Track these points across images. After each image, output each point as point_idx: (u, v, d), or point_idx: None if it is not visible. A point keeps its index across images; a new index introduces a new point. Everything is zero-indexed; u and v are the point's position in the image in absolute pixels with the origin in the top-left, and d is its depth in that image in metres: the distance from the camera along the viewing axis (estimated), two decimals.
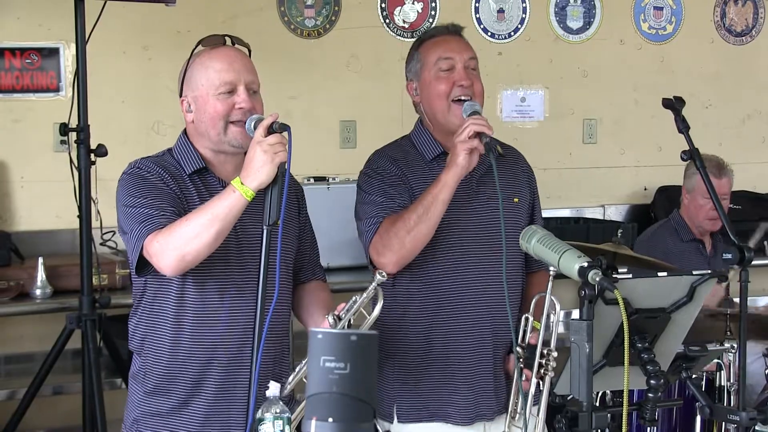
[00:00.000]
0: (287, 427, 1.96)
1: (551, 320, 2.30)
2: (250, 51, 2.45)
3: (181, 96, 2.42)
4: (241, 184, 2.18)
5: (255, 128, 2.25)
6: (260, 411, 1.97)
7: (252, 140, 2.22)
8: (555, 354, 2.25)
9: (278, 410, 1.95)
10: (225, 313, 2.35)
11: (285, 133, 2.19)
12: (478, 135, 2.47)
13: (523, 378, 2.39)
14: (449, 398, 2.62)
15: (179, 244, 2.20)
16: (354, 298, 2.22)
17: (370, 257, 2.59)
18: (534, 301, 2.38)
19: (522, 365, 2.36)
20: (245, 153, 2.25)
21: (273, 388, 1.98)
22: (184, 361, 2.37)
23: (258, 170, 2.16)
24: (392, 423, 2.65)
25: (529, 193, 2.76)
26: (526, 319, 2.42)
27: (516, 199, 2.70)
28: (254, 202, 2.21)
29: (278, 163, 2.16)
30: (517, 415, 2.41)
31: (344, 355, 1.22)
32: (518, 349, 2.39)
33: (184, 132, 2.45)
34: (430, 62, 2.64)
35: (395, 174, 2.65)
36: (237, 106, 2.32)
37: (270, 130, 2.21)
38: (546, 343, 2.28)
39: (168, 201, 2.32)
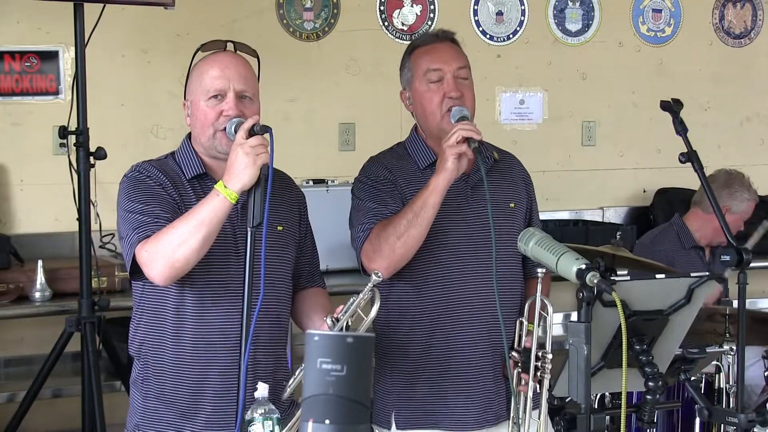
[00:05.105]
0: (277, 428, 1.96)
1: (545, 322, 2.29)
2: (258, 57, 2.46)
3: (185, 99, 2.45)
4: (225, 187, 2.19)
5: (236, 131, 2.25)
6: (249, 412, 1.97)
7: (233, 143, 2.22)
8: (550, 356, 2.25)
9: (267, 410, 1.96)
10: (224, 318, 2.35)
11: (266, 135, 2.19)
12: (467, 140, 2.48)
13: (522, 382, 2.39)
14: (448, 405, 2.62)
15: (167, 252, 2.21)
16: (351, 300, 2.22)
17: (362, 264, 2.59)
18: (527, 304, 2.38)
19: (519, 369, 2.36)
20: None
21: (261, 389, 1.98)
22: (185, 366, 2.37)
23: (240, 173, 2.16)
24: (390, 430, 2.65)
25: (526, 199, 2.76)
26: (521, 323, 2.42)
27: (512, 204, 2.70)
28: None
29: (260, 165, 2.15)
30: (519, 420, 2.41)
31: (341, 357, 1.22)
32: (514, 353, 2.39)
33: (188, 136, 2.47)
34: (419, 73, 2.64)
35: (388, 181, 2.65)
36: (224, 113, 2.33)
37: (251, 133, 2.21)
38: (541, 346, 2.28)
39: (164, 207, 2.33)
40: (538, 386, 2.29)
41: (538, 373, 2.28)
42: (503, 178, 2.73)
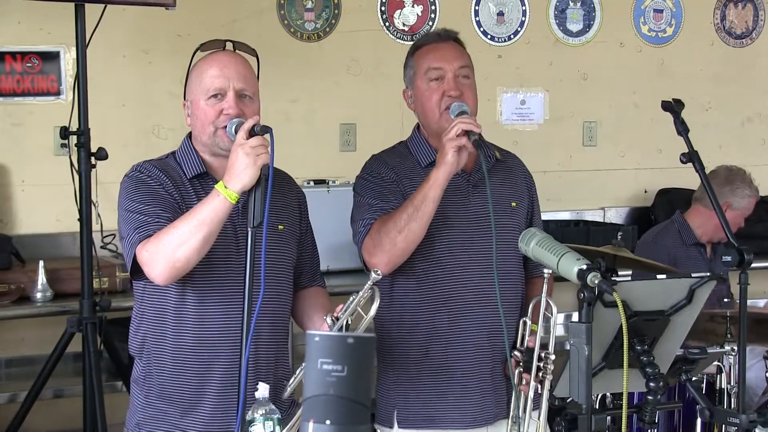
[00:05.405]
0: (277, 428, 1.97)
1: (550, 322, 2.29)
2: (257, 56, 2.46)
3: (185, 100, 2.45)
4: (225, 187, 2.19)
5: (236, 132, 2.25)
6: (250, 412, 1.97)
7: (234, 143, 2.23)
8: (552, 357, 2.25)
9: (268, 410, 1.96)
10: (225, 317, 2.35)
11: (267, 136, 2.19)
12: (467, 133, 2.48)
13: (524, 382, 2.39)
14: (449, 404, 2.62)
15: (168, 251, 2.22)
16: (351, 298, 2.22)
17: (363, 259, 2.60)
18: (531, 304, 2.38)
19: (521, 369, 2.36)
20: None
21: (262, 390, 1.98)
22: (186, 365, 2.37)
23: (241, 173, 2.17)
24: (392, 429, 2.65)
25: (528, 198, 2.77)
26: (524, 323, 2.42)
27: (514, 204, 2.71)
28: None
29: (261, 166, 2.16)
30: (519, 419, 2.41)
31: (341, 358, 1.22)
32: (516, 353, 2.39)
33: (189, 135, 2.47)
34: (421, 71, 2.66)
35: (390, 178, 2.66)
36: (224, 112, 2.34)
37: (251, 133, 2.21)
38: (544, 346, 2.28)
39: (165, 207, 2.33)
40: (539, 386, 2.28)
41: (540, 374, 2.28)
42: (505, 177, 2.74)
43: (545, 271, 2.22)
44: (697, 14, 5.23)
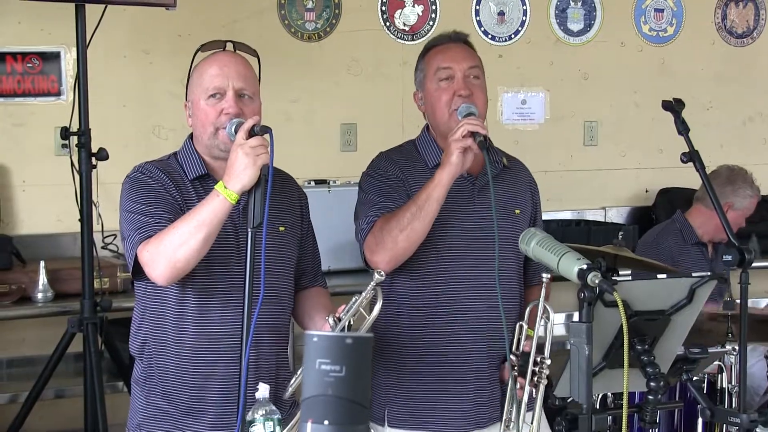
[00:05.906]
0: (278, 428, 1.97)
1: (545, 327, 2.29)
2: (259, 57, 2.46)
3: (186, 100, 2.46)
4: (225, 187, 2.19)
5: (236, 132, 2.25)
6: (250, 413, 1.98)
7: (233, 144, 2.23)
8: (548, 362, 2.25)
9: (268, 411, 1.96)
10: (225, 318, 2.35)
11: (266, 136, 2.20)
12: (472, 135, 2.48)
13: (518, 386, 2.39)
14: (442, 405, 2.61)
15: (168, 252, 2.22)
16: (353, 299, 2.22)
17: (364, 256, 2.60)
18: (528, 309, 2.38)
19: (516, 373, 2.36)
20: None
21: (262, 390, 1.99)
22: (188, 366, 2.37)
23: (240, 173, 2.17)
24: (383, 427, 2.65)
25: (531, 206, 2.77)
26: (520, 327, 2.42)
27: (517, 211, 2.71)
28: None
29: (260, 166, 2.16)
30: (512, 423, 2.40)
31: (340, 358, 1.23)
32: (512, 357, 2.39)
33: (190, 136, 2.47)
34: (431, 72, 2.67)
35: (396, 176, 2.66)
36: (224, 112, 2.34)
37: (251, 133, 2.21)
38: (540, 351, 2.27)
39: (166, 208, 2.33)
40: (533, 391, 2.28)
41: (535, 378, 2.27)
42: (510, 184, 2.74)
43: (544, 275, 2.22)
44: (698, 13, 5.23)
